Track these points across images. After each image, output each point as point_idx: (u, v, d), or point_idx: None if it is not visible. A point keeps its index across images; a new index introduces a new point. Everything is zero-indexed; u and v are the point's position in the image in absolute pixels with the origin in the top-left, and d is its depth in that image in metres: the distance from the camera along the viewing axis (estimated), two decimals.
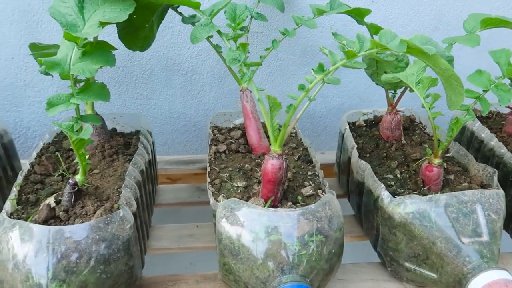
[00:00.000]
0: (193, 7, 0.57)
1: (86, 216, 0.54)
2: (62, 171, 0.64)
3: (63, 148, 0.69)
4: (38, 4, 0.88)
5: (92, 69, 0.51)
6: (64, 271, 0.48)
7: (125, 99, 1.00)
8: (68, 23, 0.52)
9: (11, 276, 0.48)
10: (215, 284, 0.63)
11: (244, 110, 0.73)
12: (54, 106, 0.52)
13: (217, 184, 0.62)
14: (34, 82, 0.95)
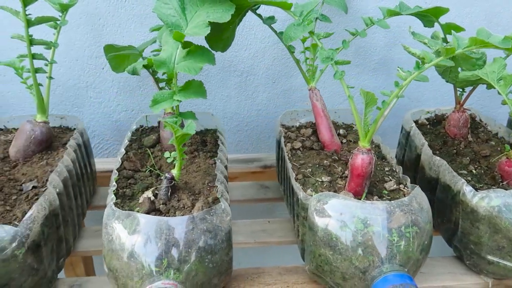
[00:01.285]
0: (285, 8, 0.59)
1: (184, 209, 0.56)
2: (150, 166, 0.66)
3: (144, 146, 0.72)
4: (105, 7, 0.90)
5: (196, 68, 0.53)
6: (177, 260, 0.50)
7: None
8: (172, 23, 0.54)
9: (127, 264, 0.50)
10: (298, 276, 0.64)
11: (314, 108, 0.75)
12: (158, 103, 0.55)
13: (300, 179, 0.63)
14: (96, 83, 0.98)
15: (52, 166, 0.66)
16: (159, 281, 0.49)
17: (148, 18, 0.93)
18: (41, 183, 0.62)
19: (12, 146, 0.69)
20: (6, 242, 0.50)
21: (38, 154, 0.69)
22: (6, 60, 0.70)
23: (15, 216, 0.55)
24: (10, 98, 0.97)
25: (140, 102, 1.01)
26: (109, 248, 0.52)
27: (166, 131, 0.71)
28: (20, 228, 0.51)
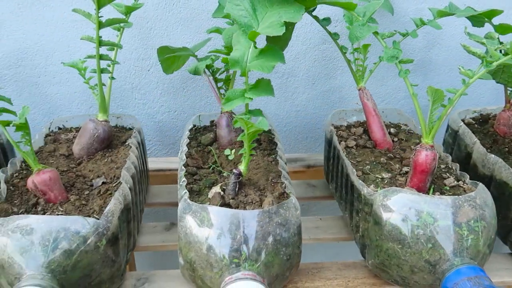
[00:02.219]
0: (349, 9, 0.61)
1: (253, 203, 0.58)
2: (212, 163, 0.68)
3: (202, 144, 0.73)
4: (153, 11, 0.93)
5: (269, 66, 0.55)
6: (255, 251, 0.51)
7: None
8: (245, 24, 0.56)
9: (206, 256, 0.52)
10: (357, 271, 0.66)
11: (365, 108, 0.76)
12: (231, 101, 0.56)
13: (360, 176, 0.65)
14: (141, 85, 1.00)
15: (116, 163, 0.68)
16: (238, 272, 0.50)
17: (193, 22, 0.95)
18: (109, 179, 0.64)
19: (76, 144, 0.71)
20: (90, 233, 0.52)
21: (101, 152, 0.71)
22: (69, 61, 0.72)
23: (92, 209, 0.57)
24: (58, 99, 1.00)
25: (182, 103, 1.04)
26: (186, 241, 0.53)
27: (223, 130, 0.73)
28: (102, 220, 0.53)
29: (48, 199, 0.58)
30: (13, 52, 0.95)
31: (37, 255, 0.50)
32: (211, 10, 0.95)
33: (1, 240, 0.50)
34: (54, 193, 0.58)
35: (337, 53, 1.02)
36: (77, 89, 1.00)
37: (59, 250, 0.50)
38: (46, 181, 0.57)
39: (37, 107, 1.00)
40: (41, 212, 0.56)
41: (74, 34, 0.94)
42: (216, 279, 0.52)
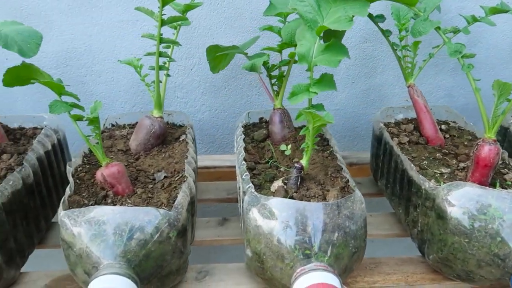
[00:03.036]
0: (410, 5, 0.61)
1: (316, 197, 0.58)
2: (268, 158, 0.69)
3: (255, 140, 0.74)
4: (198, 10, 0.94)
5: (335, 61, 0.56)
6: (326, 243, 0.52)
7: (263, 99, 1.05)
8: (310, 19, 0.57)
9: (277, 247, 0.52)
10: (415, 266, 0.66)
11: (416, 104, 0.77)
12: (296, 95, 0.57)
13: (418, 171, 0.65)
14: (184, 84, 1.02)
15: (174, 158, 0.69)
16: (311, 263, 0.51)
17: (237, 21, 0.97)
18: (170, 173, 0.65)
19: (133, 139, 0.73)
20: (162, 224, 0.53)
21: (156, 148, 0.73)
22: (125, 59, 0.74)
23: (159, 202, 0.58)
24: (103, 98, 1.02)
25: (223, 102, 1.05)
26: (255, 233, 0.54)
27: (276, 126, 0.73)
28: (173, 212, 0.54)
29: (116, 191, 0.59)
30: (61, 52, 0.97)
31: (113, 244, 0.51)
32: (255, 10, 0.96)
33: (79, 230, 0.52)
34: (122, 186, 0.59)
35: (378, 52, 1.02)
36: (121, 88, 1.01)
37: (134, 240, 0.51)
38: (114, 174, 0.59)
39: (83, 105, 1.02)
40: (111, 205, 0.58)
41: (121, 34, 0.96)
42: (287, 270, 0.52)
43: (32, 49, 0.55)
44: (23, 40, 0.55)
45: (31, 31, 0.58)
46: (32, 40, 0.56)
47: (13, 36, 0.55)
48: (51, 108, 0.57)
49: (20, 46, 0.54)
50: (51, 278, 0.63)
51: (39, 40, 0.58)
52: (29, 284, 0.61)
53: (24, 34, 0.56)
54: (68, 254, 0.53)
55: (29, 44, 0.55)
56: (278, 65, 0.74)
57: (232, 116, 1.07)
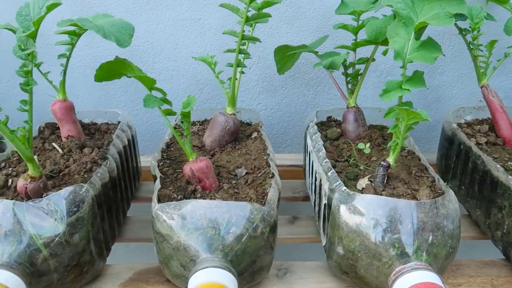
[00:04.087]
0: (501, 3, 0.60)
1: (404, 196, 0.57)
2: (347, 157, 0.68)
3: (329, 138, 0.74)
4: None
5: (431, 57, 0.55)
6: (425, 242, 0.51)
7: (320, 99, 1.05)
8: (405, 16, 0.56)
9: (374, 246, 0.52)
10: (498, 270, 0.64)
11: (491, 104, 0.75)
12: (389, 92, 0.57)
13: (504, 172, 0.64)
14: (242, 83, 1.02)
15: (250, 155, 0.69)
16: (411, 262, 0.50)
17: (298, 20, 0.97)
18: (250, 170, 0.65)
19: (208, 136, 0.73)
20: (257, 219, 0.53)
21: (230, 144, 0.73)
22: (200, 56, 0.74)
23: (248, 197, 0.58)
24: None
25: (280, 101, 1.05)
26: (349, 230, 0.54)
27: (351, 124, 0.73)
28: (266, 208, 0.54)
29: (204, 186, 0.60)
30: (124, 50, 0.98)
31: (211, 238, 0.51)
32: (317, 9, 0.96)
33: (176, 223, 0.52)
34: (210, 180, 0.60)
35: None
36: (179, 86, 1.02)
37: (231, 235, 0.51)
38: (203, 168, 0.59)
39: (140, 103, 1.03)
40: (200, 199, 0.58)
41: (183, 33, 0.96)
42: (384, 269, 0.52)
43: (126, 40, 0.56)
44: (118, 31, 0.56)
45: (124, 22, 0.59)
46: (126, 31, 0.57)
47: (108, 28, 0.56)
48: (145, 102, 0.58)
49: (116, 36, 0.55)
50: (134, 270, 0.63)
51: (132, 31, 0.59)
52: (113, 276, 0.62)
53: (118, 25, 0.57)
54: (163, 247, 0.53)
55: (123, 35, 0.56)
56: (355, 63, 0.73)
57: (287, 116, 1.06)
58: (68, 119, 0.71)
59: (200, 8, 0.95)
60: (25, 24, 0.49)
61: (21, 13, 0.50)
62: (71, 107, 0.72)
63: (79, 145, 0.69)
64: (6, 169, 0.63)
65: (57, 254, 0.52)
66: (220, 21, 0.96)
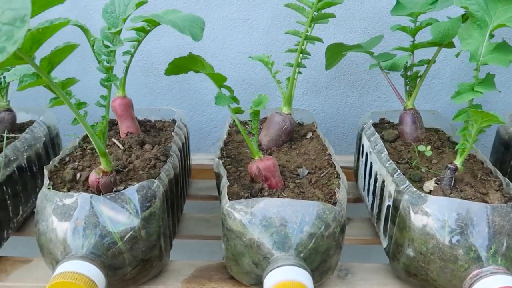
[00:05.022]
0: None
1: (473, 199, 0.57)
2: (407, 159, 0.68)
3: (386, 140, 0.74)
4: None
5: (506, 60, 0.54)
6: (502, 246, 0.50)
7: (364, 101, 1.04)
8: (479, 18, 0.56)
9: (449, 248, 0.51)
10: None
11: None
12: (461, 95, 0.56)
13: None
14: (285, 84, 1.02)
15: (309, 155, 0.69)
16: (489, 266, 0.49)
17: (346, 22, 0.96)
18: (311, 169, 0.65)
19: (265, 135, 0.73)
20: (330, 219, 0.53)
21: (286, 144, 0.73)
22: (256, 55, 0.74)
23: (315, 196, 0.58)
24: (205, 95, 1.04)
25: (323, 102, 1.05)
26: (421, 232, 0.53)
27: (409, 127, 0.72)
28: (337, 207, 0.54)
29: (270, 185, 0.60)
30: (171, 49, 0.99)
31: (285, 236, 0.51)
32: (366, 10, 0.96)
33: (249, 221, 0.52)
34: (276, 179, 0.60)
35: None
36: None
37: (304, 233, 0.51)
38: (270, 167, 0.59)
39: (185, 101, 1.04)
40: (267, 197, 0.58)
41: (231, 33, 0.97)
42: (459, 272, 0.51)
43: (198, 34, 0.57)
44: (190, 25, 0.56)
45: (195, 17, 0.60)
46: (197, 25, 0.57)
47: (182, 22, 0.56)
48: (217, 100, 0.58)
49: (190, 30, 0.55)
50: (195, 267, 0.63)
51: (202, 24, 0.59)
52: (175, 272, 0.62)
53: (190, 19, 0.58)
54: (234, 244, 0.54)
55: (195, 29, 0.56)
56: (415, 65, 0.73)
57: (330, 117, 1.06)
58: (128, 116, 0.72)
59: (249, 8, 0.95)
60: (111, 21, 0.50)
61: (107, 10, 0.51)
62: (130, 104, 0.73)
63: (139, 141, 0.70)
64: (71, 164, 0.64)
65: (132, 248, 0.52)
66: (268, 22, 0.96)
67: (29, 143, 0.70)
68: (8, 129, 0.73)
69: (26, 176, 0.69)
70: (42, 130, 0.74)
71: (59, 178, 0.61)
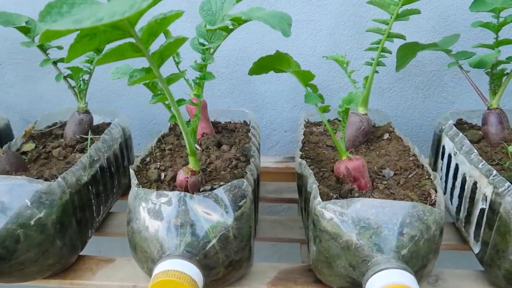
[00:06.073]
0: None
1: None
2: (498, 161, 0.64)
3: (470, 141, 0.70)
4: (374, 9, 0.93)
5: None
6: None
7: (429, 102, 1.01)
8: None
9: None
10: None
11: None
12: None
13: None
14: (346, 87, 1.00)
15: (390, 156, 0.67)
16: None
17: (413, 21, 0.94)
18: (396, 171, 0.63)
19: None
20: (430, 221, 0.50)
21: (363, 145, 0.71)
22: (331, 55, 0.73)
23: (408, 198, 0.56)
24: (266, 97, 1.03)
25: (386, 104, 1.02)
26: None
27: (494, 127, 0.69)
28: (437, 209, 0.52)
29: (359, 185, 0.58)
30: (233, 51, 0.99)
31: (385, 238, 0.49)
32: (433, 8, 0.93)
33: (346, 222, 0.50)
34: (365, 180, 0.58)
35: None
36: (285, 88, 1.02)
37: (405, 236, 0.49)
38: (359, 167, 0.57)
39: (246, 104, 1.04)
40: (369, 198, 0.56)
41: (294, 34, 0.96)
42: None
43: (287, 30, 0.56)
44: (279, 22, 0.55)
45: (282, 13, 0.59)
46: (285, 22, 0.57)
47: (270, 19, 0.55)
48: (307, 98, 0.57)
49: (280, 27, 0.55)
50: (278, 270, 0.62)
51: (290, 21, 0.58)
52: (258, 274, 0.61)
53: (277, 16, 0.57)
54: (328, 246, 0.52)
55: (284, 25, 0.55)
56: (503, 62, 0.70)
57: (393, 119, 1.03)
58: (203, 117, 0.72)
59: (313, 10, 0.94)
60: (207, 18, 0.50)
61: (203, 8, 0.51)
62: (205, 105, 0.73)
63: (215, 142, 0.69)
64: (153, 164, 0.64)
65: (225, 248, 0.52)
66: (332, 23, 0.95)
67: (108, 144, 0.71)
68: (86, 131, 0.74)
69: (106, 176, 0.70)
70: (118, 131, 0.75)
71: (143, 177, 0.61)
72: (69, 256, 0.60)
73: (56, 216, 0.55)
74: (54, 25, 0.24)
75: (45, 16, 0.25)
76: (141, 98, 1.04)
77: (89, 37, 0.32)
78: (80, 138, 0.73)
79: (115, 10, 0.23)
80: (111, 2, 0.25)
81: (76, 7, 0.26)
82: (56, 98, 1.05)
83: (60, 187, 0.56)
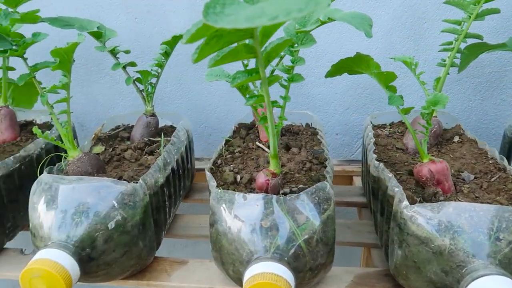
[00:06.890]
0: None
1: None
2: None
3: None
4: (433, 11, 0.91)
5: None
6: None
7: (487, 104, 0.99)
8: None
9: None
10: None
11: None
12: None
13: None
14: (401, 89, 0.99)
15: (465, 159, 0.65)
16: None
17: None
18: (474, 173, 0.61)
19: (411, 139, 0.70)
20: None
21: (434, 147, 0.70)
22: (399, 56, 0.72)
23: (497, 202, 0.54)
24: (318, 100, 1.03)
25: None
26: None
27: None
28: None
29: (442, 189, 0.57)
30: None
31: (481, 243, 0.48)
32: None
33: (438, 226, 0.49)
34: (448, 183, 0.57)
35: None
36: (338, 90, 1.01)
37: (503, 241, 0.48)
38: (444, 170, 0.56)
39: (299, 107, 1.03)
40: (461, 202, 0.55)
41: (349, 36, 0.96)
42: None
43: (369, 31, 0.55)
44: (360, 23, 0.55)
45: (362, 15, 0.58)
46: (367, 23, 0.56)
47: (353, 20, 0.55)
48: (390, 100, 0.56)
49: (362, 27, 0.54)
50: (354, 274, 0.61)
51: (371, 22, 0.58)
52: (334, 279, 0.61)
53: (358, 17, 0.56)
54: (418, 251, 0.51)
55: (366, 26, 0.55)
56: None
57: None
58: None
59: (369, 11, 0.94)
60: (299, 20, 0.50)
61: None
62: None
63: (284, 145, 0.69)
64: (226, 166, 0.64)
65: (312, 251, 0.51)
66: (388, 24, 0.94)
67: (177, 147, 0.71)
68: (153, 133, 0.75)
69: (176, 178, 0.70)
70: (183, 134, 0.76)
71: (218, 179, 0.61)
72: (148, 257, 0.60)
73: (140, 217, 0.56)
74: (220, 23, 0.24)
75: (205, 16, 0.25)
76: (192, 102, 1.05)
77: (216, 38, 0.32)
78: (148, 141, 0.73)
79: (289, 7, 0.23)
80: (269, 1, 0.25)
81: (227, 7, 0.26)
82: (109, 102, 1.07)
83: (142, 188, 0.57)
